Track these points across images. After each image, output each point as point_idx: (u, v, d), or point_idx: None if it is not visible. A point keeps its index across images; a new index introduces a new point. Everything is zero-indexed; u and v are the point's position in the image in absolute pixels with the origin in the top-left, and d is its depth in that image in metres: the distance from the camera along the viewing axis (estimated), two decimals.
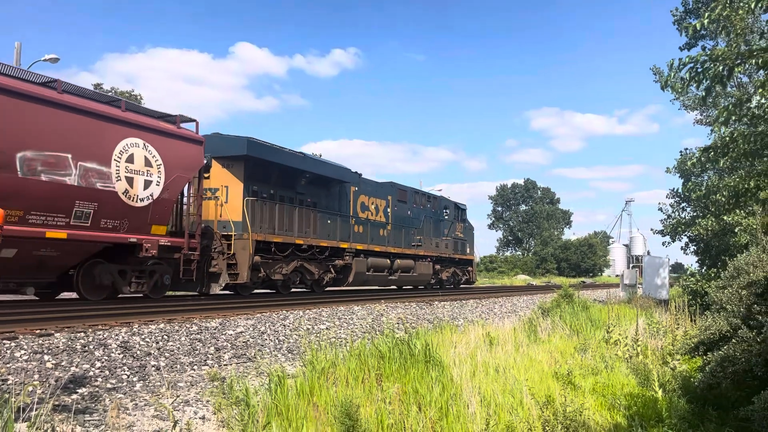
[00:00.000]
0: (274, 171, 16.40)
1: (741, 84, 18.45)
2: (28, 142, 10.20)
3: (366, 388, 6.49)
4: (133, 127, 12.15)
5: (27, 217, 10.23)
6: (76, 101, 11.23)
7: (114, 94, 36.47)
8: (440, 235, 25.50)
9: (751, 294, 8.53)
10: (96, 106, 11.66)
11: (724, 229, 18.30)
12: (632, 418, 7.03)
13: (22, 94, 10.18)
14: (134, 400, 6.01)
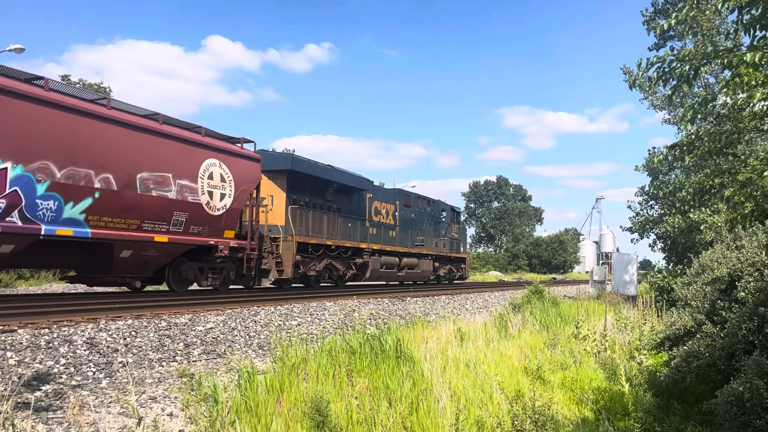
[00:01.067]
0: (309, 182, 18.82)
1: (707, 84, 18.83)
2: (143, 166, 12.59)
3: (337, 383, 6.47)
4: (211, 150, 14.61)
5: (142, 225, 12.70)
6: (172, 130, 13.54)
7: (82, 86, 35.72)
8: (438, 236, 27.92)
9: (715, 290, 8.72)
10: (186, 133, 14.01)
11: (690, 227, 18.68)
12: (599, 412, 7.13)
13: (137, 126, 12.57)
14: (100, 397, 5.90)
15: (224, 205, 14.81)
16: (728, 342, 6.95)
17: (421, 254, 25.77)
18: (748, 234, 8.90)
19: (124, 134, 12.20)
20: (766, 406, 5.38)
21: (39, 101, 10.55)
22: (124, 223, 12.30)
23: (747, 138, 5.74)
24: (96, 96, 12.41)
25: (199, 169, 14.06)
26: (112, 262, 12.56)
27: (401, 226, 24.36)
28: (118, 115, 12.22)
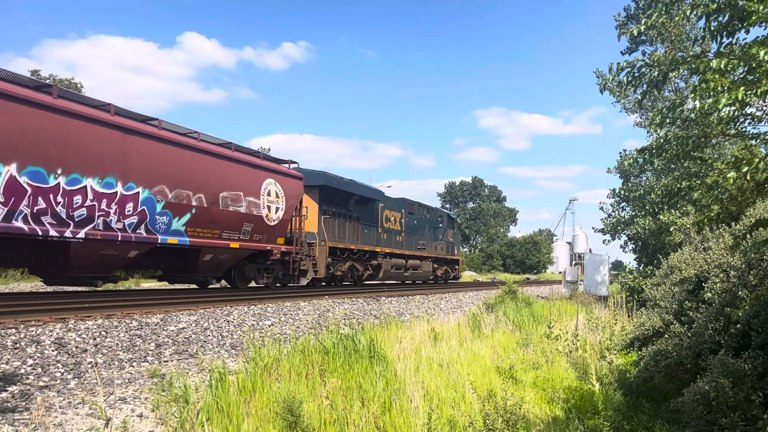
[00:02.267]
0: (336, 195, 21.65)
1: (677, 89, 19.17)
2: (224, 186, 15.46)
3: (310, 384, 6.45)
4: (269, 171, 17.50)
5: (221, 234, 15.57)
6: (242, 156, 16.52)
7: (52, 81, 35.05)
8: (437, 240, 31.21)
9: (683, 291, 8.88)
10: (251, 158, 16.96)
11: (660, 228, 19.00)
12: (570, 411, 7.22)
13: (219, 155, 15.50)
14: (68, 398, 5.80)
15: (278, 216, 17.71)
16: (695, 342, 7.09)
17: (423, 256, 28.93)
18: (715, 236, 9.09)
19: (211, 161, 15.14)
20: (731, 404, 5.50)
21: (159, 139, 13.59)
22: (209, 232, 15.16)
23: (714, 142, 5.87)
24: (189, 131, 15.12)
25: (261, 187, 17.03)
26: (197, 264, 15.29)
27: (406, 231, 27.27)
28: (206, 146, 15.19)
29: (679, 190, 5.43)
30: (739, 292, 6.72)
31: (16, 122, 10.29)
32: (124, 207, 12.46)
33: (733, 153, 7.29)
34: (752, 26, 4.44)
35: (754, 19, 4.31)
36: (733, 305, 6.00)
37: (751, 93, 3.88)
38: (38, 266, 12.46)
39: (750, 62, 4.18)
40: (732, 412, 5.41)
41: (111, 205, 12.18)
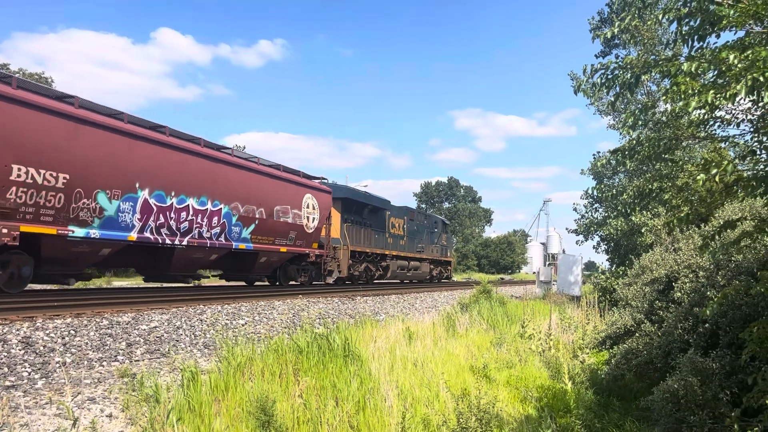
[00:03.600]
0: (354, 205, 24.75)
1: (650, 91, 19.49)
2: (277, 201, 18.51)
3: (283, 383, 6.42)
4: (307, 187, 20.54)
5: (274, 240, 18.59)
6: (288, 176, 19.56)
7: (22, 75, 34.33)
8: (433, 243, 34.56)
9: (653, 291, 9.03)
10: (294, 177, 19.92)
11: (632, 229, 19.29)
12: (542, 410, 7.28)
13: (273, 175, 18.54)
14: (35, 398, 5.68)
15: (314, 225, 20.74)
16: (665, 340, 7.21)
17: (422, 258, 32.27)
18: (685, 237, 9.25)
19: (268, 181, 18.27)
20: (699, 402, 5.60)
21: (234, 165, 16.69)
22: (266, 239, 18.11)
23: (685, 144, 5.97)
24: (251, 156, 18.12)
25: (302, 201, 20.02)
26: (254, 265, 18.36)
27: (408, 236, 30.45)
28: (264, 169, 18.24)
29: (651, 191, 5.51)
30: (708, 292, 6.85)
31: (150, 157, 13.44)
32: (211, 220, 15.65)
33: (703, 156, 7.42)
34: (723, 30, 4.52)
35: (725, 24, 4.39)
36: (702, 305, 6.11)
37: (721, 96, 3.94)
38: (145, 266, 15.55)
39: (720, 66, 4.26)
40: (700, 410, 5.51)
41: (203, 218, 15.34)
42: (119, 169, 12.63)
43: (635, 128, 5.34)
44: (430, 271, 34.06)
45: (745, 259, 6.70)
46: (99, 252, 12.69)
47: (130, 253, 13.96)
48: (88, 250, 12.34)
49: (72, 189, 11.51)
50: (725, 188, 4.76)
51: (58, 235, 11.37)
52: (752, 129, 5.38)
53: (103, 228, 12.37)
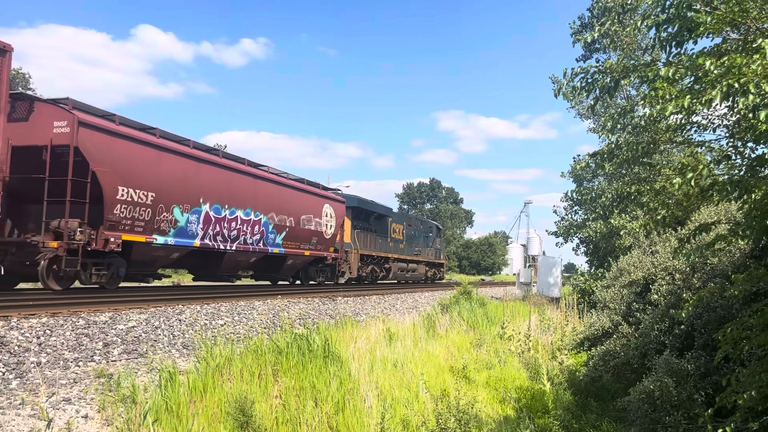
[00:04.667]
0: (363, 213, 27.24)
1: (629, 96, 19.72)
2: (303, 211, 20.84)
3: (262, 383, 6.39)
4: (325, 198, 22.93)
5: (300, 245, 20.90)
6: (311, 188, 21.99)
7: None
8: (428, 247, 37.23)
9: (631, 293, 9.14)
10: (315, 189, 22.47)
11: (611, 232, 19.50)
12: (521, 410, 7.33)
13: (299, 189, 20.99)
14: (9, 398, 5.59)
15: (331, 231, 22.97)
16: (642, 342, 7.30)
17: (419, 261, 34.91)
18: (662, 240, 9.38)
19: (296, 193, 20.66)
20: (674, 403, 5.68)
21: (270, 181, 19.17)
22: (294, 244, 20.37)
23: (662, 149, 6.05)
24: (282, 172, 20.60)
25: (322, 210, 22.30)
26: (282, 267, 20.81)
27: (407, 240, 32.93)
28: (293, 183, 20.77)
29: (629, 194, 5.58)
30: (684, 295, 6.96)
31: (210, 176, 16.02)
32: (253, 228, 18.00)
33: (680, 160, 7.53)
34: (700, 37, 4.60)
35: (702, 31, 4.46)
36: (678, 307, 6.20)
37: (697, 101, 4.01)
38: (198, 267, 18.12)
39: (697, 72, 4.33)
40: (675, 410, 5.59)
41: (248, 227, 17.69)
42: (189, 187, 15.14)
43: (614, 132, 5.41)
44: (426, 273, 36.65)
45: (720, 262, 6.81)
46: (171, 256, 15.24)
47: (192, 257, 16.47)
48: (164, 254, 14.86)
49: (156, 205, 14.00)
50: (701, 192, 4.84)
51: (146, 242, 13.79)
52: (727, 134, 5.47)
53: (176, 236, 14.85)
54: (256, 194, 18.12)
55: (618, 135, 5.63)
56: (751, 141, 4.49)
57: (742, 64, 3.82)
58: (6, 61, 10.46)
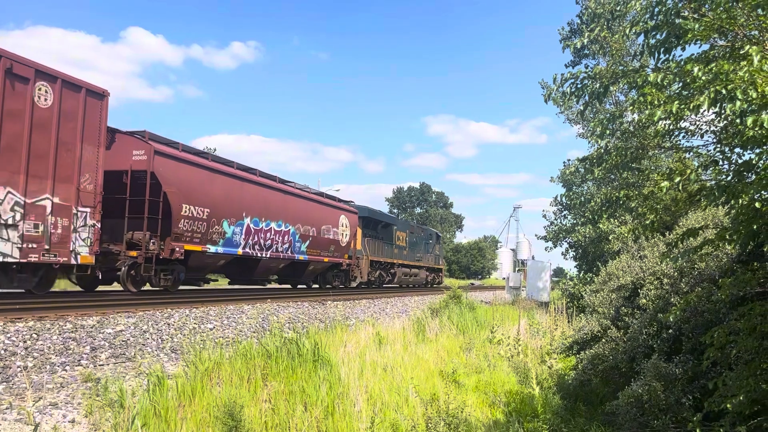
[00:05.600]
0: (371, 222, 29.83)
1: (618, 101, 19.85)
2: (323, 221, 22.96)
3: (252, 388, 6.36)
4: (342, 210, 25.13)
5: (320, 253, 22.89)
6: (330, 201, 24.57)
7: None
8: (428, 253, 39.61)
9: (619, 297, 9.18)
10: (333, 202, 24.90)
11: (600, 236, 19.59)
12: (510, 414, 7.34)
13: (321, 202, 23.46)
14: None
15: (346, 240, 25.04)
16: (630, 346, 7.33)
17: (420, 266, 37.21)
18: (650, 244, 9.43)
19: (317, 206, 22.94)
20: (663, 407, 5.71)
21: (297, 195, 21.60)
22: (315, 252, 22.38)
23: (651, 154, 6.10)
24: (306, 186, 23.75)
25: (338, 220, 24.41)
26: (305, 272, 22.88)
27: (409, 247, 35.33)
28: (315, 197, 23.30)
29: (618, 199, 5.61)
30: (672, 299, 6.99)
31: (250, 193, 18.26)
32: (284, 238, 20.20)
33: (668, 165, 7.59)
34: (688, 44, 4.64)
35: (690, 37, 4.51)
36: (666, 311, 6.23)
37: (685, 107, 4.05)
38: (236, 273, 19.74)
39: (685, 78, 4.37)
40: (664, 414, 5.62)
41: (280, 237, 19.92)
42: (234, 203, 17.35)
43: (603, 137, 5.44)
44: (426, 277, 38.95)
45: (708, 266, 6.86)
46: (218, 263, 17.49)
47: (233, 263, 18.31)
48: (214, 261, 17.09)
49: (210, 219, 16.24)
50: (689, 197, 4.88)
51: (201, 251, 16.00)
52: (715, 140, 5.52)
53: (224, 246, 17.05)
54: (286, 208, 20.55)
55: (607, 140, 5.66)
56: (738, 146, 4.53)
57: (729, 71, 3.86)
58: (104, 103, 12.78)
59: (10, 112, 10.60)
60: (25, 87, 10.86)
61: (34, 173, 11.17)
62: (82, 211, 12.21)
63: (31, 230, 11.14)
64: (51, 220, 11.51)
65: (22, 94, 10.83)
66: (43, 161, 11.33)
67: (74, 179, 12.04)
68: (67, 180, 11.89)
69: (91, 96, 12.38)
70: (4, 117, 10.47)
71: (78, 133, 12.06)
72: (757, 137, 3.86)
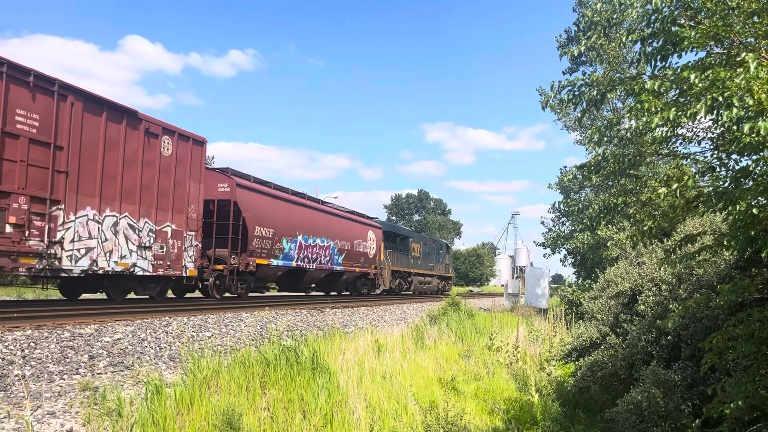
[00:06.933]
0: (392, 236, 32.78)
1: (615, 108, 19.92)
2: (355, 236, 25.91)
3: (250, 396, 6.34)
4: (368, 225, 28.09)
5: (353, 264, 25.62)
6: (359, 218, 27.61)
7: None
8: (439, 262, 42.54)
9: (618, 304, 9.18)
10: (362, 219, 27.99)
11: (598, 243, 19.61)
12: (510, 422, 7.33)
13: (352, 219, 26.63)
14: None
15: (373, 252, 28.11)
16: (629, 353, 7.33)
17: (432, 275, 40.29)
18: (648, 251, 9.45)
19: (350, 223, 25.97)
20: (662, 414, 5.71)
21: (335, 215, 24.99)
22: (348, 263, 25.20)
23: (648, 161, 6.12)
24: (340, 206, 27.24)
25: (366, 235, 27.48)
26: (339, 281, 25.85)
27: (423, 257, 38.40)
28: (348, 215, 26.59)
29: (616, 205, 5.63)
30: (670, 305, 7.00)
31: (301, 214, 21.66)
32: (326, 252, 23.27)
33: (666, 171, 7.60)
34: (684, 51, 4.67)
35: (686, 45, 4.53)
36: (665, 318, 6.23)
37: (682, 114, 4.06)
38: (285, 282, 22.42)
39: (682, 85, 4.39)
40: (663, 421, 5.61)
41: (323, 251, 23.01)
42: (290, 224, 20.60)
43: (601, 144, 5.46)
44: (438, 285, 41.94)
45: (706, 273, 6.87)
46: (277, 273, 20.60)
47: (286, 274, 21.34)
48: (274, 272, 20.23)
49: (274, 237, 19.37)
50: (687, 203, 4.89)
51: (267, 264, 19.01)
52: (712, 147, 5.54)
53: (282, 259, 20.05)
54: (327, 225, 23.75)
55: (604, 147, 5.68)
56: (736, 153, 4.54)
57: (726, 78, 3.88)
58: (204, 149, 16.22)
59: (147, 161, 13.83)
60: (156, 141, 14.18)
61: (161, 206, 14.45)
62: (189, 234, 15.57)
63: (159, 250, 14.45)
64: (171, 242, 14.85)
65: (154, 146, 14.13)
66: (166, 197, 14.61)
67: (185, 209, 15.41)
68: (180, 210, 15.22)
69: (195, 144, 15.67)
70: (144, 165, 13.72)
71: (187, 173, 15.29)
72: (753, 144, 3.87)
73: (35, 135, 11.18)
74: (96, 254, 12.64)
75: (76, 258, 12.16)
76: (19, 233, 10.85)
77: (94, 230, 12.57)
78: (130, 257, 13.58)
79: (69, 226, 11.98)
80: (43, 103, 11.35)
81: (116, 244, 13.14)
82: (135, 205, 13.68)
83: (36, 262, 11.27)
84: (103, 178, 12.79)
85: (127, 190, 13.42)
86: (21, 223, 10.87)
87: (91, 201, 12.53)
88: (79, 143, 12.14)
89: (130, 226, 13.54)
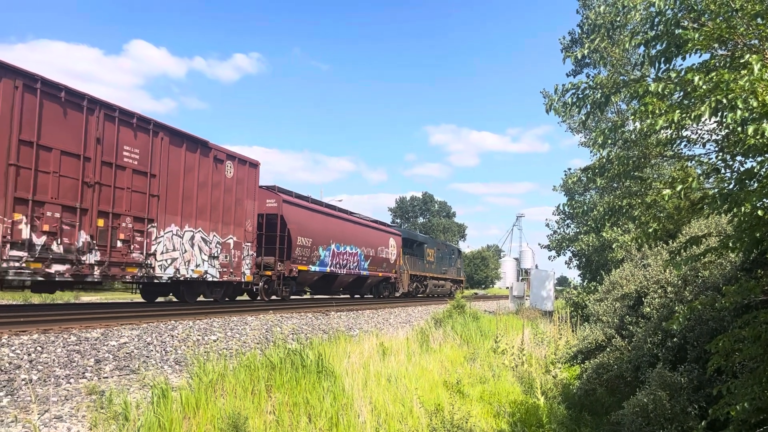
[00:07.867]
0: (409, 242, 34.73)
1: (619, 110, 19.88)
2: (378, 243, 28.40)
3: (256, 399, 6.35)
4: (389, 233, 30.53)
5: (376, 269, 28.10)
6: (381, 227, 30.22)
7: None
8: (451, 267, 44.40)
9: (623, 306, 9.17)
10: (383, 227, 30.62)
11: (603, 245, 19.55)
12: (515, 425, 7.32)
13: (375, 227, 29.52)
14: (0, 416, 5.54)
15: (393, 258, 30.40)
16: (635, 355, 7.32)
17: (446, 278, 42.30)
18: (653, 253, 9.43)
19: (373, 231, 28.32)
20: (668, 416, 5.69)
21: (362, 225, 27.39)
22: (373, 268, 27.45)
23: (653, 163, 6.11)
24: (365, 216, 29.57)
25: (388, 242, 29.83)
26: (364, 285, 28.25)
27: (437, 262, 40.46)
28: (372, 224, 28.99)
29: (621, 207, 5.62)
30: (676, 308, 6.98)
31: (334, 224, 24.17)
32: (354, 258, 25.58)
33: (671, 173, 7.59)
34: (688, 53, 4.67)
35: (690, 47, 4.53)
36: (670, 320, 6.23)
37: (686, 116, 4.06)
38: (318, 286, 24.52)
39: (686, 87, 4.39)
40: (669, 424, 5.60)
41: (352, 257, 25.37)
42: (325, 233, 23.00)
43: (605, 146, 5.45)
44: (450, 288, 43.74)
45: (711, 275, 6.85)
46: (313, 278, 22.95)
47: (320, 279, 23.41)
48: (311, 277, 22.59)
49: (312, 246, 21.86)
50: (692, 205, 4.88)
51: (306, 270, 21.55)
52: (717, 148, 5.54)
53: (318, 266, 22.52)
54: (355, 234, 26.18)
55: (609, 149, 5.68)
56: (740, 155, 4.54)
57: (730, 80, 3.88)
58: (257, 170, 18.52)
59: (214, 183, 16.36)
60: (222, 166, 16.71)
61: (225, 221, 16.96)
62: (246, 245, 17.89)
63: (224, 260, 16.85)
64: (233, 252, 17.27)
65: (221, 170, 16.66)
66: (229, 213, 17.12)
67: (243, 223, 17.77)
68: (240, 224, 17.63)
69: (251, 166, 18.07)
70: (212, 187, 16.25)
71: (244, 192, 17.70)
72: (758, 146, 3.87)
73: (137, 166, 13.54)
74: (179, 264, 15.03)
75: (164, 267, 14.50)
76: (126, 247, 13.20)
77: (177, 243, 14.97)
78: (203, 266, 16.00)
79: (159, 241, 14.36)
80: (142, 139, 13.73)
81: (193, 255, 15.57)
82: (206, 221, 16.18)
83: (137, 271, 13.58)
84: (183, 199, 15.21)
85: (200, 209, 15.87)
86: (127, 238, 13.18)
87: (174, 219, 14.94)
88: (167, 171, 14.53)
89: (203, 239, 16.03)
